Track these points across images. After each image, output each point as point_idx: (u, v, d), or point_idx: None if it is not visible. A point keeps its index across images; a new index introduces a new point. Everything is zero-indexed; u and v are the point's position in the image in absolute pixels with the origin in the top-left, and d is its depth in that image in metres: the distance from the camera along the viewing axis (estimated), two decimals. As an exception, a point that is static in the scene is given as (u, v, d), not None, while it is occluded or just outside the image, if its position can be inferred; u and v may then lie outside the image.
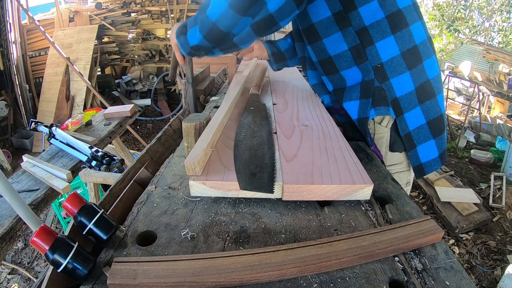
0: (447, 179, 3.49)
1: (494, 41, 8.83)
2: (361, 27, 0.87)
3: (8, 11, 4.57)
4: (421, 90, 0.90)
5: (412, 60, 0.88)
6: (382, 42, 0.87)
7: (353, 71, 0.93)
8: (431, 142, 0.95)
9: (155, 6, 5.58)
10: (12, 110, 4.78)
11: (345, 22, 0.88)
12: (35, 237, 0.46)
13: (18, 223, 1.18)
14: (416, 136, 0.94)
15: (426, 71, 0.90)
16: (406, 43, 0.87)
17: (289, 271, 0.48)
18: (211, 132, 0.79)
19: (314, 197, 0.65)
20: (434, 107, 0.93)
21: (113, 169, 1.58)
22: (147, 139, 4.80)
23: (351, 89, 0.96)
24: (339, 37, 0.91)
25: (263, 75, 1.46)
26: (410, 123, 0.92)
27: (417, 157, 0.96)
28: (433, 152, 0.96)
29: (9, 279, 2.48)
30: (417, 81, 0.90)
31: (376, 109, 0.92)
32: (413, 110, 0.91)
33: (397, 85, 0.90)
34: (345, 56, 0.93)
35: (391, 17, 0.85)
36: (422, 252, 0.55)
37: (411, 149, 0.95)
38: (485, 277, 2.49)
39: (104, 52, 5.67)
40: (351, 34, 0.89)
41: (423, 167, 0.97)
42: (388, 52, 0.88)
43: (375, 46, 0.87)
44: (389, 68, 0.89)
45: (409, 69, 0.89)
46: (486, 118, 5.84)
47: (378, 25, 0.86)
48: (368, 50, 0.89)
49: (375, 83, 0.91)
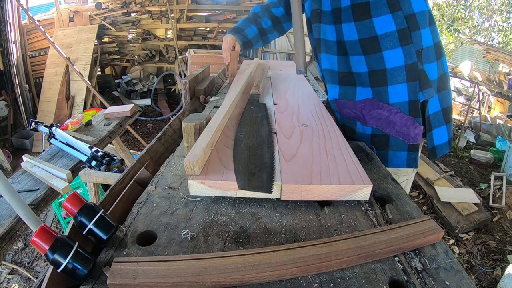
0: (447, 179, 3.49)
1: (494, 41, 8.82)
2: (410, 13, 0.95)
3: (8, 11, 4.57)
4: (441, 80, 1.03)
5: (438, 52, 1.01)
6: (425, 30, 0.97)
7: (397, 52, 0.98)
8: (443, 127, 1.06)
9: (155, 6, 5.58)
10: (12, 110, 4.78)
11: (396, 7, 0.95)
12: (35, 237, 0.46)
13: (18, 223, 1.18)
14: (433, 120, 1.04)
15: (444, 65, 1.04)
16: (436, 36, 1.00)
17: (289, 271, 0.48)
18: (211, 132, 0.79)
19: (313, 197, 0.65)
20: (447, 97, 1.05)
21: (113, 169, 1.58)
22: (147, 139, 4.80)
23: (395, 72, 0.99)
24: (389, 18, 0.97)
25: (264, 75, 1.46)
26: (430, 108, 1.02)
27: (432, 139, 1.05)
28: (444, 136, 1.07)
29: (9, 279, 2.48)
30: (440, 71, 1.02)
31: (423, 92, 0.99)
32: (433, 97, 1.01)
33: (427, 72, 0.99)
34: (391, 37, 0.98)
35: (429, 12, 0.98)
36: (422, 252, 0.55)
37: (429, 132, 1.04)
38: (485, 277, 2.49)
39: (104, 52, 5.67)
40: (400, 17, 0.96)
41: (435, 150, 1.07)
42: (427, 40, 0.98)
43: (420, 32, 0.96)
44: (425, 55, 0.98)
45: (437, 59, 1.01)
46: (486, 118, 5.84)
47: (424, 15, 0.96)
48: (414, 34, 0.96)
49: (418, 66, 0.97)
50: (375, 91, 1.04)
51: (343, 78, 1.09)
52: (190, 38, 5.87)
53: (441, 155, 1.09)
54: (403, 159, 1.06)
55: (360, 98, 1.07)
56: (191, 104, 1.46)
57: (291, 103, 1.16)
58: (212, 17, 5.88)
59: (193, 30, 5.91)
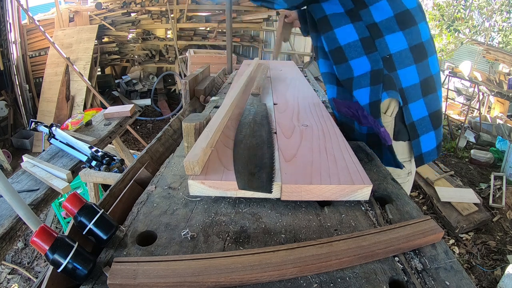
0: (447, 179, 3.49)
1: (494, 41, 8.82)
2: (371, 23, 0.95)
3: (8, 11, 4.57)
4: (425, 84, 0.98)
5: (419, 55, 0.96)
6: (391, 36, 0.95)
7: (362, 60, 0.99)
8: (431, 133, 1.02)
9: (155, 6, 5.58)
10: (12, 110, 4.78)
11: (356, 18, 0.96)
12: (35, 237, 0.46)
13: (18, 223, 1.18)
14: (420, 127, 1.01)
15: (430, 67, 0.98)
16: (414, 39, 0.95)
17: (289, 271, 0.48)
18: (211, 132, 0.79)
19: (312, 197, 0.65)
20: (435, 101, 1.01)
21: (113, 169, 1.58)
22: (147, 139, 4.80)
23: (360, 78, 1.01)
24: (350, 28, 0.98)
25: (264, 75, 1.46)
26: (414, 114, 0.99)
27: (419, 146, 1.03)
28: (432, 142, 1.04)
29: (9, 279, 2.48)
30: (422, 75, 0.97)
31: (388, 92, 0.97)
32: (417, 102, 0.99)
33: (403, 76, 0.96)
34: (355, 46, 0.99)
35: (399, 15, 0.94)
36: (422, 252, 0.55)
37: (415, 139, 1.02)
38: (485, 277, 2.49)
39: (104, 52, 5.67)
40: (362, 27, 0.96)
41: (423, 157, 1.04)
42: (397, 45, 0.95)
43: (384, 39, 0.95)
44: (398, 60, 0.95)
45: (416, 62, 0.96)
46: (486, 118, 5.84)
47: (389, 22, 0.94)
48: (378, 42, 0.95)
49: (384, 71, 0.97)
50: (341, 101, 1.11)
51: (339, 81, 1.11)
52: (190, 38, 5.87)
53: (429, 162, 1.08)
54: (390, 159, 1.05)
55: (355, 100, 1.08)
56: (191, 104, 1.46)
57: (291, 103, 1.16)
58: (212, 17, 5.88)
59: (193, 30, 5.91)
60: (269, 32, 6.00)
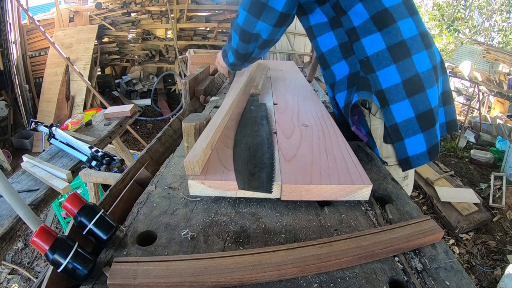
0: (447, 179, 3.49)
1: (494, 41, 8.82)
2: (350, 28, 0.96)
3: (8, 11, 4.57)
4: (409, 83, 0.93)
5: (399, 54, 0.92)
6: (367, 38, 0.94)
7: (342, 65, 1.02)
8: (419, 136, 0.97)
9: (155, 6, 5.58)
10: (12, 110, 4.78)
11: (337, 24, 0.99)
12: (35, 237, 0.46)
13: (18, 223, 1.18)
14: (404, 129, 0.96)
15: (415, 65, 0.93)
16: (393, 38, 0.91)
17: (289, 271, 0.48)
18: (211, 132, 0.79)
19: (312, 197, 0.65)
20: (424, 101, 0.94)
21: (113, 169, 1.58)
22: (147, 139, 4.80)
23: (340, 82, 1.04)
24: (330, 36, 1.01)
25: (264, 75, 1.46)
26: (397, 115, 0.95)
27: (404, 149, 0.98)
28: (422, 145, 0.98)
29: (9, 279, 2.48)
30: (405, 74, 0.93)
31: (358, 93, 0.96)
32: (400, 103, 0.94)
33: (383, 77, 0.94)
34: (334, 52, 1.02)
35: (376, 16, 0.92)
36: (422, 252, 0.55)
37: (398, 141, 0.97)
38: (485, 277, 2.49)
39: (104, 52, 5.67)
40: (341, 33, 0.99)
41: (410, 160, 0.99)
42: (373, 47, 0.93)
43: (360, 41, 0.95)
44: (375, 61, 0.94)
45: (395, 62, 0.92)
46: (486, 118, 5.84)
47: (364, 25, 0.93)
48: (355, 46, 0.96)
49: (360, 73, 0.97)
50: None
51: None
52: (190, 38, 5.87)
53: (419, 166, 1.02)
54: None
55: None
56: (191, 104, 1.46)
57: (291, 103, 1.16)
58: (212, 17, 5.88)
59: (193, 30, 5.91)
60: (269, 32, 6.00)
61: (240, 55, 1.13)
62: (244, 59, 1.16)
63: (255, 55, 1.12)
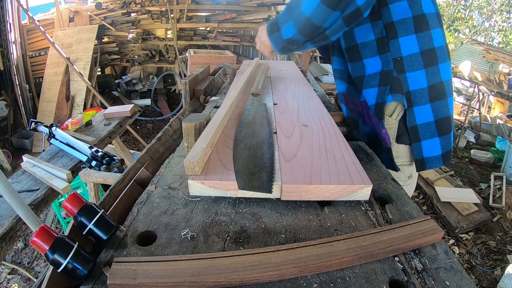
0: (447, 179, 3.49)
1: (494, 41, 8.82)
2: (389, 22, 0.95)
3: (8, 11, 4.57)
4: (434, 89, 0.98)
5: (429, 60, 0.96)
6: (405, 38, 0.95)
7: (375, 60, 1.00)
8: (435, 139, 1.01)
9: (155, 6, 5.58)
10: (12, 110, 4.78)
11: (376, 16, 0.96)
12: (35, 237, 0.46)
13: (18, 223, 1.18)
14: (423, 131, 1.00)
15: (440, 74, 0.98)
16: (426, 44, 0.96)
17: (289, 271, 0.48)
18: (211, 132, 0.79)
19: (312, 197, 0.65)
20: (444, 108, 1.00)
21: (113, 169, 1.58)
22: (147, 139, 4.80)
23: (370, 78, 1.02)
24: (368, 28, 0.99)
25: (264, 75, 1.46)
26: (418, 118, 0.99)
27: (420, 151, 1.02)
28: (437, 149, 1.02)
29: (9, 279, 2.48)
30: (431, 80, 0.97)
31: (393, 95, 0.98)
32: (423, 106, 0.99)
33: (411, 80, 0.97)
34: (370, 46, 1.00)
35: (416, 18, 0.95)
36: (422, 252, 0.55)
37: (416, 142, 1.02)
38: (485, 277, 2.49)
39: (104, 52, 5.67)
40: (379, 26, 0.97)
41: (424, 162, 1.03)
42: (408, 48, 0.96)
43: (398, 40, 0.96)
44: (408, 63, 0.96)
45: (425, 67, 0.97)
46: (486, 118, 5.84)
47: (405, 23, 0.95)
48: (392, 43, 0.96)
49: (393, 73, 0.98)
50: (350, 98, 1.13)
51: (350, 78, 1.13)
52: (190, 38, 5.87)
53: (432, 168, 1.07)
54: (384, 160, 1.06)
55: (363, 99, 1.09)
56: (191, 104, 1.46)
57: (291, 103, 1.16)
58: (212, 17, 5.88)
59: (193, 30, 5.91)
60: (269, 32, 6.00)
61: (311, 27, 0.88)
62: (311, 36, 0.91)
63: (329, 32, 0.89)
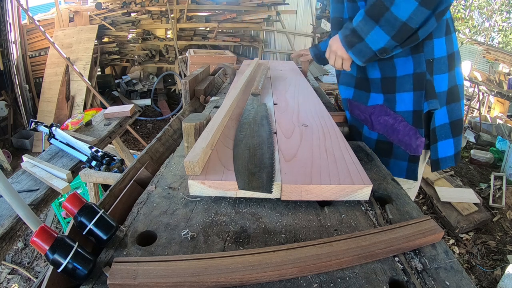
0: (447, 179, 3.49)
1: (494, 41, 8.82)
2: None
3: (8, 11, 4.57)
4: (451, 92, 0.99)
5: (451, 63, 0.97)
6: (438, 40, 0.94)
7: (407, 61, 0.97)
8: (450, 140, 1.03)
9: (155, 6, 5.58)
10: (12, 110, 4.77)
11: None
12: (35, 237, 0.46)
13: (18, 223, 1.18)
14: (439, 133, 1.01)
15: (456, 77, 1.00)
16: (450, 47, 0.97)
17: (289, 271, 0.48)
18: (211, 132, 0.79)
19: (312, 197, 0.65)
20: (458, 110, 1.01)
21: (113, 169, 1.58)
22: (147, 139, 4.79)
23: (403, 80, 0.99)
24: None
25: (264, 75, 1.46)
26: (437, 120, 1.00)
27: (436, 151, 1.03)
28: (450, 149, 1.04)
29: (9, 279, 2.48)
30: (450, 83, 0.98)
31: (428, 102, 0.97)
32: (441, 109, 0.99)
33: (437, 83, 0.97)
34: None
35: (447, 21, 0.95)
36: (422, 252, 0.55)
37: (433, 143, 1.02)
38: (485, 277, 2.49)
39: (104, 52, 5.67)
40: None
41: (439, 162, 1.04)
42: (440, 50, 0.95)
43: (433, 41, 0.94)
44: (437, 65, 0.96)
45: (449, 70, 0.97)
46: (486, 118, 5.84)
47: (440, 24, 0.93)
48: (426, 44, 0.94)
49: (426, 75, 0.95)
50: (386, 98, 1.04)
51: (359, 83, 1.11)
52: (190, 38, 5.86)
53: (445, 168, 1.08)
54: (403, 169, 1.04)
55: (371, 104, 1.07)
56: (191, 104, 1.46)
57: (291, 103, 1.16)
58: (212, 17, 5.88)
59: (193, 30, 5.91)
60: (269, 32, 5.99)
61: (408, 31, 0.83)
62: (403, 40, 0.86)
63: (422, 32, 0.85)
